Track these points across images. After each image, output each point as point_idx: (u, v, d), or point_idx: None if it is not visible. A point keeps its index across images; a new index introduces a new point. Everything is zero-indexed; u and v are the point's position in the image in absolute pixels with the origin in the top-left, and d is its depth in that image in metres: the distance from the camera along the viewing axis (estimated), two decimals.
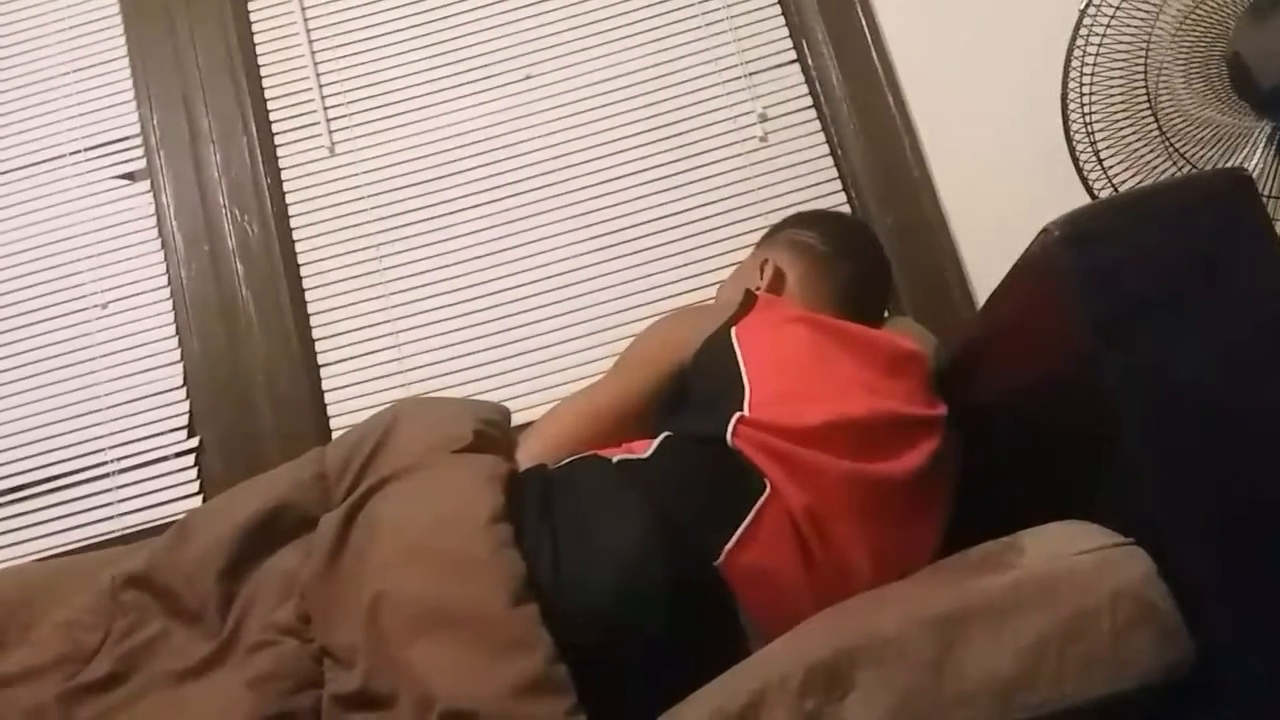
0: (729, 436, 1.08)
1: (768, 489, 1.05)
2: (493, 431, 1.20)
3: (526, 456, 1.19)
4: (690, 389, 1.21)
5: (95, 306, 1.85)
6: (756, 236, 1.58)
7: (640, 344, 1.33)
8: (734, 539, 1.02)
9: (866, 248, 1.48)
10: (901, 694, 0.84)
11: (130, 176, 1.92)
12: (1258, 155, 1.49)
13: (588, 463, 1.13)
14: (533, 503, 1.06)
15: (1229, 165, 1.49)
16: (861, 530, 1.06)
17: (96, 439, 1.79)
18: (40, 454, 1.79)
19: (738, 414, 1.10)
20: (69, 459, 1.78)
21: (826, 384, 1.15)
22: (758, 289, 1.35)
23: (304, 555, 1.08)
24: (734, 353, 1.18)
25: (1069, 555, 0.89)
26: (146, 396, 1.81)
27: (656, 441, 1.12)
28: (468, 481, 1.07)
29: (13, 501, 1.77)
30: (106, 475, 1.78)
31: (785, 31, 1.92)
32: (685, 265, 1.82)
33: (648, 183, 1.86)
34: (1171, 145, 1.49)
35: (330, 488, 1.16)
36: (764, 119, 1.87)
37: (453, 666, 0.92)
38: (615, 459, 1.11)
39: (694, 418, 1.15)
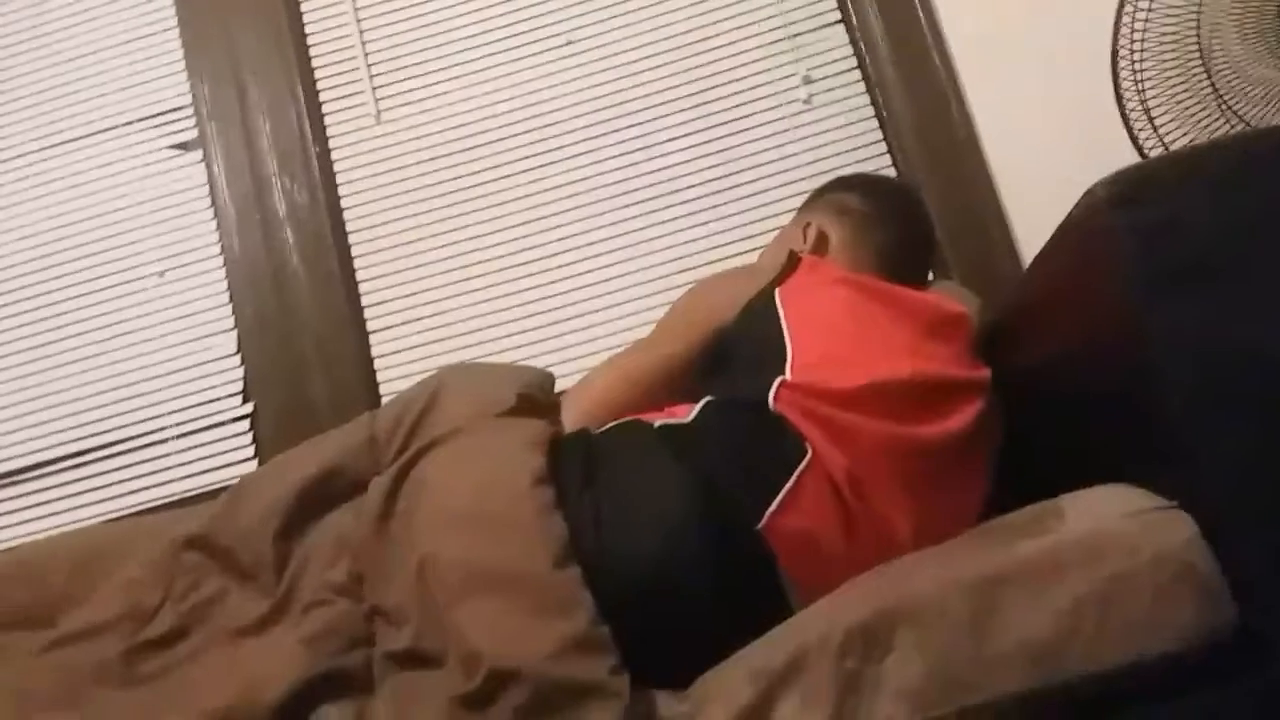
0: (770, 401, 1.09)
1: (809, 453, 1.05)
2: (536, 396, 1.22)
3: (569, 420, 1.21)
4: (732, 352, 1.21)
5: (152, 275, 1.89)
6: (800, 200, 1.57)
7: (682, 307, 1.33)
8: (775, 503, 1.02)
9: (910, 210, 1.47)
10: (940, 655, 0.85)
11: (183, 146, 1.95)
12: None
13: (630, 427, 1.14)
14: (575, 467, 1.07)
15: None
16: (903, 494, 1.06)
17: (155, 405, 1.84)
18: (101, 420, 1.84)
19: (779, 378, 1.10)
20: (128, 425, 1.83)
21: (869, 347, 1.15)
22: (801, 252, 1.35)
23: (356, 517, 1.11)
24: (777, 315, 1.19)
25: (1111, 518, 0.89)
26: (202, 363, 1.85)
27: (698, 406, 1.13)
28: (511, 446, 1.08)
29: (75, 466, 1.83)
30: (164, 441, 1.82)
31: None
32: (729, 230, 1.82)
33: (691, 147, 1.86)
34: (1225, 103, 1.45)
35: (380, 452, 1.19)
36: (808, 81, 1.86)
37: (498, 627, 0.94)
38: (657, 424, 1.12)
39: (736, 381, 1.15)
